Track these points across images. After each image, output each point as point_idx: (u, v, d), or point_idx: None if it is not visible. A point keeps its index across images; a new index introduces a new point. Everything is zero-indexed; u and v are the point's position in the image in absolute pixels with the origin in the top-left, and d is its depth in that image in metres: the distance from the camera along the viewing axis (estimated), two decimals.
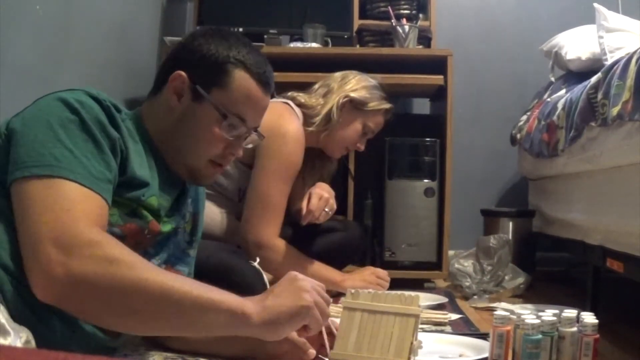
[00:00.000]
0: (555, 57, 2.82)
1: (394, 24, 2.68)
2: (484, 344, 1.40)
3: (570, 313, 1.27)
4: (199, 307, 0.96)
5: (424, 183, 2.59)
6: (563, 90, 2.56)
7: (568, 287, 2.73)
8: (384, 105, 2.18)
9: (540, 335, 1.23)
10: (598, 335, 1.24)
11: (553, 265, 3.07)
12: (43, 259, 0.90)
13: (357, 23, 2.95)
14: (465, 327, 1.78)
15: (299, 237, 2.07)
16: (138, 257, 0.97)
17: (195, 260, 1.34)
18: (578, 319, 1.26)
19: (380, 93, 2.18)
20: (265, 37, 2.72)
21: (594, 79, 1.94)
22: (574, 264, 2.96)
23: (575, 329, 1.25)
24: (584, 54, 2.64)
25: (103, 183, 1.01)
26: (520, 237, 2.81)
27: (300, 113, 2.09)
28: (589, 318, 1.25)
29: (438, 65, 2.64)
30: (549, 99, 2.64)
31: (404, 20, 2.72)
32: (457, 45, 2.82)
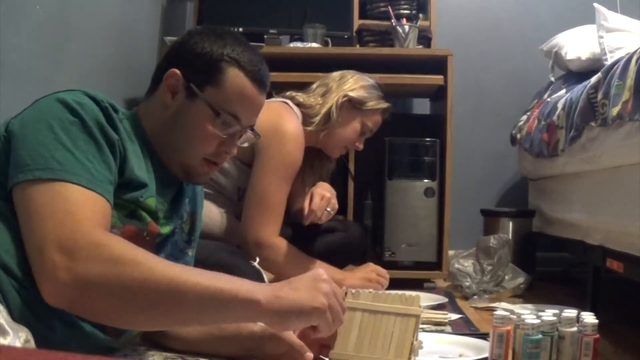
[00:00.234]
0: (555, 57, 2.82)
1: (394, 24, 2.68)
2: (484, 344, 1.40)
3: (570, 313, 1.27)
4: (209, 297, 0.95)
5: (424, 183, 2.59)
6: (563, 90, 2.56)
7: (568, 287, 2.73)
8: (382, 105, 2.19)
9: (540, 335, 1.23)
10: (598, 335, 1.24)
11: (553, 265, 3.07)
12: (49, 265, 0.90)
13: (357, 23, 2.95)
14: (465, 327, 1.78)
15: (299, 237, 2.07)
16: (144, 252, 0.96)
17: (195, 260, 1.34)
18: (578, 319, 1.27)
19: (378, 92, 2.19)
20: (265, 37, 2.72)
21: (594, 79, 1.94)
22: (574, 264, 2.95)
23: (575, 329, 1.25)
24: (584, 54, 2.64)
25: (105, 184, 1.01)
26: (520, 237, 2.81)
27: (299, 112, 2.09)
28: (589, 318, 1.25)
29: (438, 65, 2.64)
30: (549, 99, 2.64)
31: (404, 20, 2.72)
32: (457, 45, 2.82)
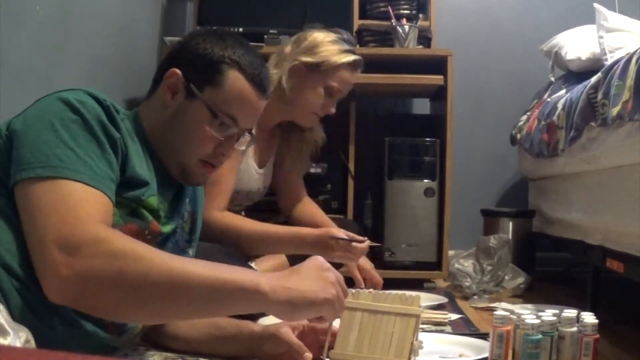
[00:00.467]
0: (555, 57, 2.82)
1: (394, 24, 2.68)
2: (484, 344, 1.40)
3: (570, 313, 1.27)
4: (212, 288, 0.95)
5: (424, 183, 2.59)
6: (563, 90, 2.55)
7: (568, 287, 2.73)
8: (344, 59, 1.98)
9: (540, 335, 1.23)
10: (598, 335, 1.24)
11: (553, 265, 3.07)
12: (51, 262, 0.90)
13: (357, 23, 2.95)
14: (465, 327, 1.78)
15: None
16: (145, 246, 0.96)
17: None
18: (578, 319, 1.27)
19: (341, 46, 2.00)
20: (265, 37, 2.72)
21: (594, 79, 1.94)
22: (574, 264, 2.95)
23: (575, 329, 1.25)
24: (584, 54, 2.64)
25: (107, 182, 1.01)
26: (520, 237, 2.81)
27: None
28: (589, 318, 1.25)
29: (438, 65, 2.64)
30: (549, 99, 2.64)
31: (404, 20, 2.72)
32: (457, 45, 2.82)
